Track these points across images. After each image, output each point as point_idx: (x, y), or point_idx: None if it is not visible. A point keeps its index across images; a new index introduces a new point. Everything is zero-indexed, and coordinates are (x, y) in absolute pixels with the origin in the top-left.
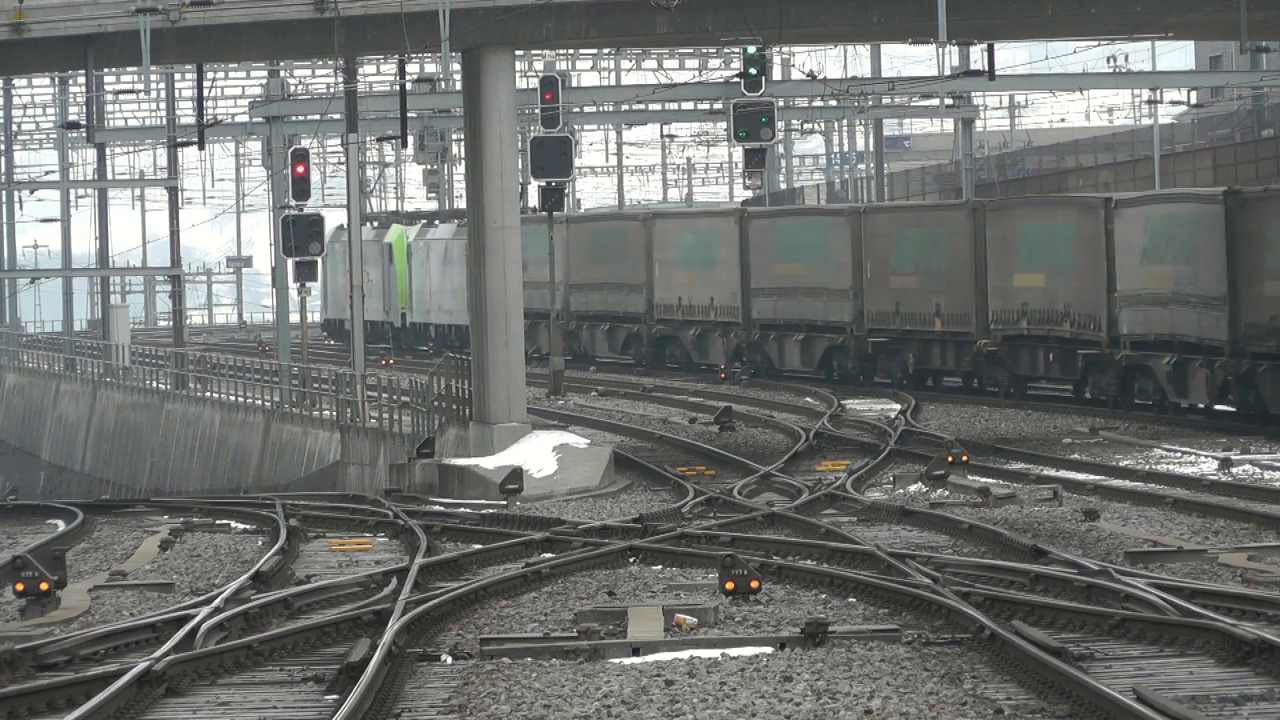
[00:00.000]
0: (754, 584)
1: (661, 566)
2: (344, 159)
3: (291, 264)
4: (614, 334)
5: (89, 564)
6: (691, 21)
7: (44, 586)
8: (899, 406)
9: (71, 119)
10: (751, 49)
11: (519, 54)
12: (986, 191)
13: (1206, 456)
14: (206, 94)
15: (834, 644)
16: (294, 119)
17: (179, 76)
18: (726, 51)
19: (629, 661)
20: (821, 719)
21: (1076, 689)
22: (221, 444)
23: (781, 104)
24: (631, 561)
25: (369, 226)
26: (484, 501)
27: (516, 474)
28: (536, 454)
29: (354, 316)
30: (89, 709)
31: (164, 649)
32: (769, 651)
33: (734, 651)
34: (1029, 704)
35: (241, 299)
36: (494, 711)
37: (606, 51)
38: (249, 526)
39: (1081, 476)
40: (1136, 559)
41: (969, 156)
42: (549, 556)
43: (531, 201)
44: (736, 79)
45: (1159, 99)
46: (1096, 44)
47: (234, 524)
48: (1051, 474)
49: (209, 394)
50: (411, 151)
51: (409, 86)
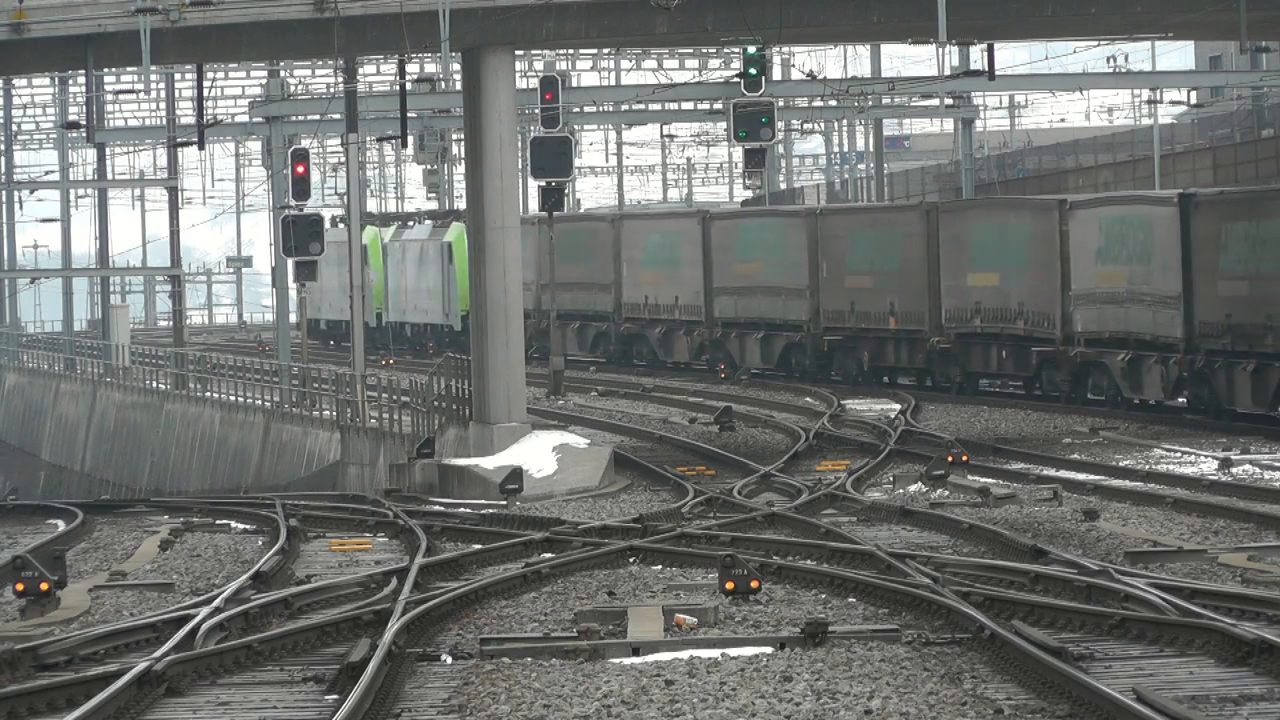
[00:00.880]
0: (754, 584)
1: (661, 566)
2: (344, 159)
3: (291, 264)
4: (583, 332)
5: (89, 564)
6: (691, 21)
7: (44, 586)
8: (899, 406)
9: (71, 119)
10: (751, 49)
11: (519, 54)
12: (986, 191)
13: (1206, 456)
14: (206, 94)
15: (834, 644)
16: (294, 119)
17: (179, 76)
18: (726, 51)
19: (629, 661)
20: (821, 719)
21: (1076, 689)
22: (221, 444)
23: (781, 104)
24: (631, 561)
25: (342, 228)
26: (484, 501)
27: (516, 474)
28: (536, 454)
29: (354, 317)
30: (89, 709)
31: (164, 649)
32: (769, 651)
33: (734, 651)
34: (1029, 704)
35: (241, 299)
36: (494, 711)
37: (606, 51)
38: (249, 526)
39: (1081, 476)
40: (1136, 559)
41: (969, 156)
42: (549, 556)
43: (532, 203)
44: (736, 79)
45: (1159, 99)
46: (1096, 44)
47: (234, 524)
48: (1051, 474)
49: (209, 394)
50: (411, 151)
51: (409, 86)
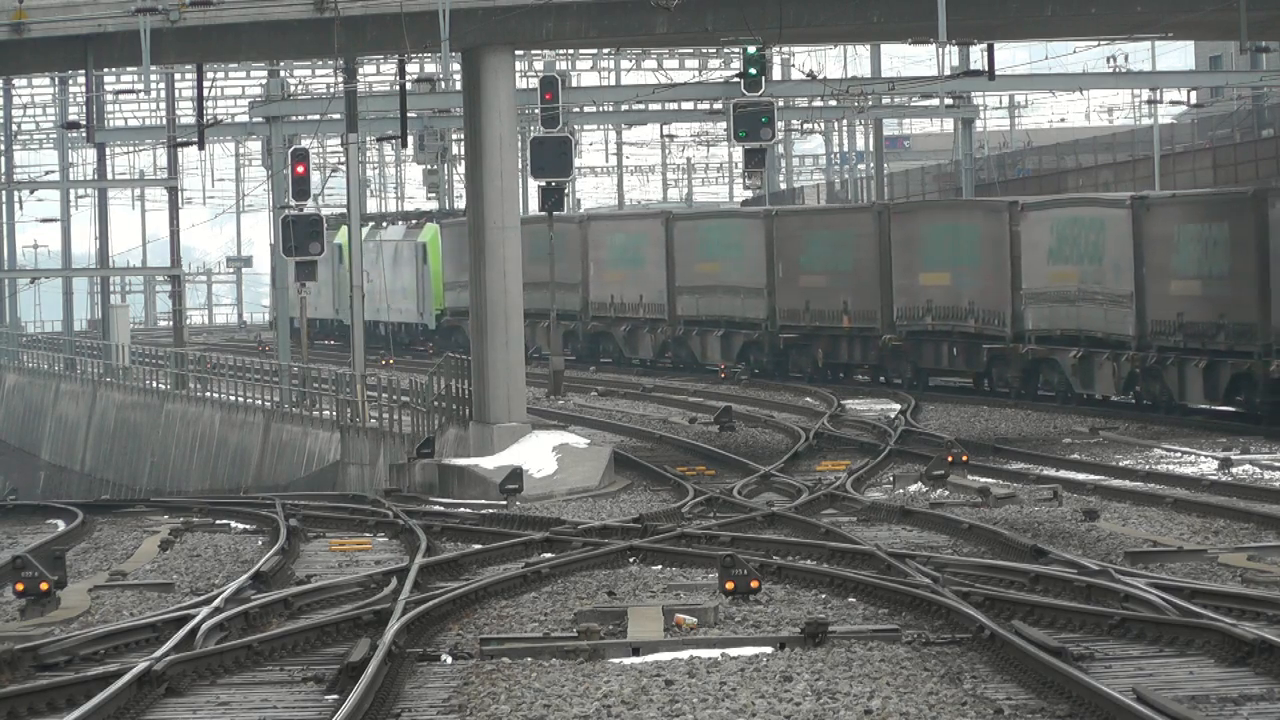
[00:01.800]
0: (754, 584)
1: (661, 566)
2: (344, 159)
3: (292, 264)
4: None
5: (89, 564)
6: (691, 21)
7: (44, 586)
8: (899, 406)
9: (71, 119)
10: (751, 49)
11: (519, 54)
12: (987, 191)
13: (1206, 456)
14: (206, 94)
15: (834, 644)
16: (294, 119)
17: (179, 76)
18: (726, 51)
19: (629, 661)
20: (821, 719)
21: (1076, 689)
22: (221, 444)
23: (781, 104)
24: (631, 561)
25: None
26: (484, 501)
27: (516, 474)
28: (536, 454)
29: (354, 316)
30: (89, 709)
31: (164, 649)
32: (769, 651)
33: (734, 651)
34: (1029, 704)
35: (241, 299)
36: (494, 711)
37: (606, 51)
38: (249, 526)
39: (1081, 476)
40: (1136, 559)
41: (969, 156)
42: (549, 556)
43: (532, 202)
44: (736, 79)
45: (1159, 99)
46: (1096, 44)
47: (234, 524)
48: (1051, 474)
49: (209, 394)
50: (411, 151)
51: (409, 86)
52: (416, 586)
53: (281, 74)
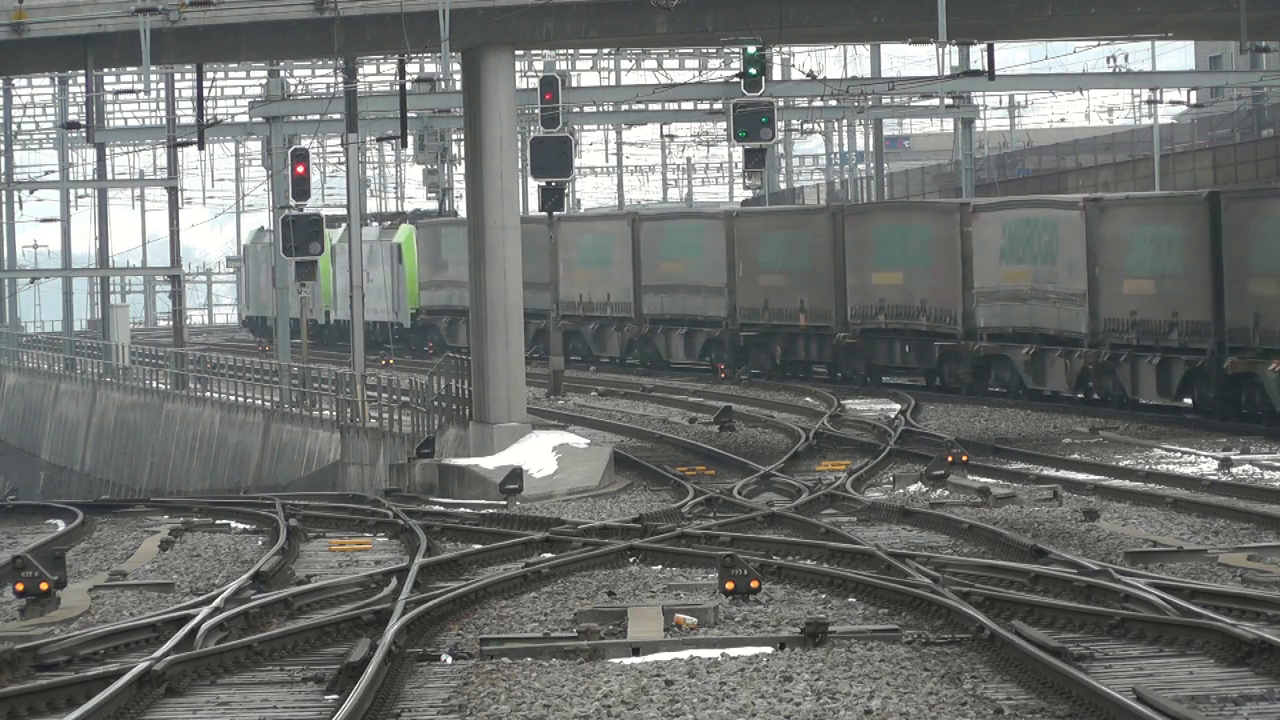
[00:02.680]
0: (754, 584)
1: (661, 566)
2: (344, 159)
3: (292, 264)
4: (524, 330)
5: (89, 564)
6: (691, 21)
7: (44, 586)
8: (899, 406)
9: (71, 119)
10: (751, 49)
11: (519, 54)
12: (986, 191)
13: (1206, 456)
14: (206, 94)
15: (834, 644)
16: (294, 119)
17: (179, 76)
18: (726, 51)
19: (629, 661)
20: (821, 719)
21: (1076, 689)
22: (221, 444)
23: (781, 104)
24: (631, 561)
25: None
26: (484, 501)
27: (516, 474)
28: (536, 454)
29: (354, 316)
30: (89, 709)
31: (164, 649)
32: (769, 651)
33: (734, 651)
34: (1029, 704)
35: (241, 299)
36: (494, 711)
37: (606, 51)
38: (249, 526)
39: (1081, 476)
40: (1136, 559)
41: (969, 156)
42: (549, 556)
43: (533, 202)
44: (736, 79)
45: (1159, 99)
46: (1096, 44)
47: (234, 524)
48: (1051, 474)
49: (209, 394)
50: (411, 151)
51: (409, 86)
52: (416, 586)
53: (281, 74)
